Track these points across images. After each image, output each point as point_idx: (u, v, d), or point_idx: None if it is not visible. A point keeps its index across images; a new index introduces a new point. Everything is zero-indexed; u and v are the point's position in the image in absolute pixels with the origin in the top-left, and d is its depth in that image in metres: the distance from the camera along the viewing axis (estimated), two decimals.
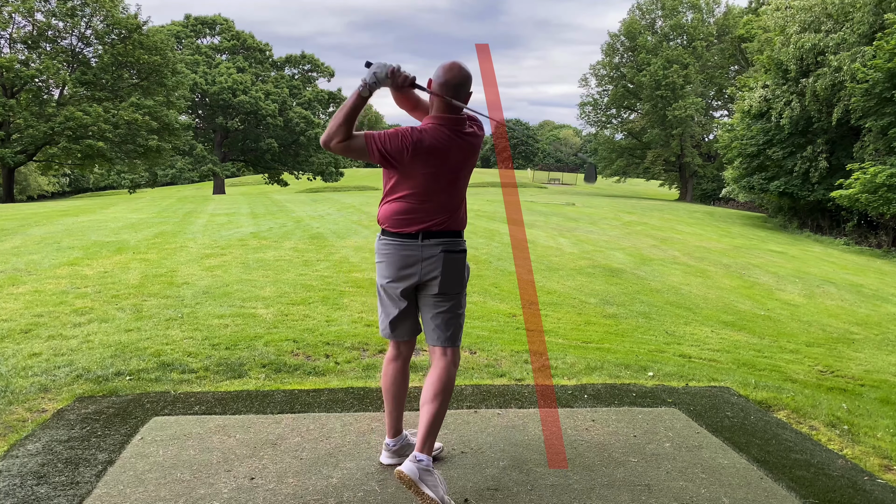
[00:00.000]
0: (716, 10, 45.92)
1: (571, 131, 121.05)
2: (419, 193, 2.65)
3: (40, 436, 3.12)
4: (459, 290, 2.77)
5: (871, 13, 20.09)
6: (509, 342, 5.17)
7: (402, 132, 2.58)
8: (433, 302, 2.75)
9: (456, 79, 2.62)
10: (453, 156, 2.65)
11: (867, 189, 17.79)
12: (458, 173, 2.71)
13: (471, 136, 2.72)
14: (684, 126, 42.78)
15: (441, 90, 2.62)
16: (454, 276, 2.71)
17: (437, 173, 2.63)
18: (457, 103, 2.64)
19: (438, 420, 2.64)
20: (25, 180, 49.18)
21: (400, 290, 2.74)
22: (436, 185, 2.66)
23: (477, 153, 2.76)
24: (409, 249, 2.68)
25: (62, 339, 4.65)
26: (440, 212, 2.67)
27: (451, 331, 2.76)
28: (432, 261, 2.67)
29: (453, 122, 2.66)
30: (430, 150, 2.59)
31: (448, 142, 2.63)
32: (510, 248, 10.94)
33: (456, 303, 2.77)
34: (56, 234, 10.06)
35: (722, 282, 9.99)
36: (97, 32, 32.68)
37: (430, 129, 2.63)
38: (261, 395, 3.78)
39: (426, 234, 2.66)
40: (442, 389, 2.67)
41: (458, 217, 2.75)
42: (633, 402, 3.94)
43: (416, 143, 2.58)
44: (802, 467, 3.16)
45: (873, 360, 6.35)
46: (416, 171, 2.62)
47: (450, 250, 2.69)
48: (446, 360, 2.74)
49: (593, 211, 21.16)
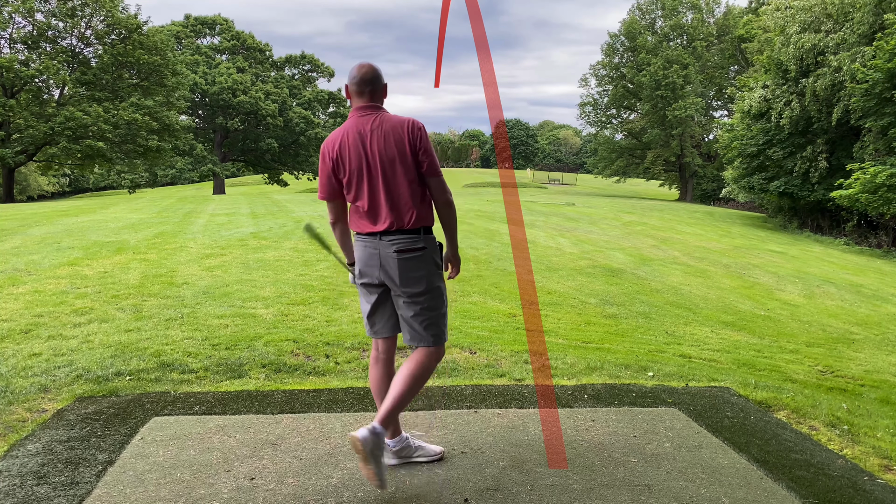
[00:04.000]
0: (716, 10, 45.92)
1: (571, 131, 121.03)
2: (356, 194, 2.70)
3: (40, 436, 3.12)
4: (422, 289, 2.71)
5: (871, 13, 20.08)
6: (509, 342, 5.17)
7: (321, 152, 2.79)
8: (403, 303, 2.74)
9: (355, 77, 2.69)
10: (366, 150, 2.64)
11: (867, 189, 17.78)
12: (383, 167, 2.65)
13: (382, 128, 2.65)
14: (684, 126, 42.77)
15: (347, 91, 2.75)
16: (412, 275, 2.68)
17: (360, 170, 2.66)
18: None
19: (403, 399, 2.67)
20: (25, 180, 49.18)
21: (367, 286, 2.79)
22: (367, 184, 2.67)
23: (404, 144, 2.64)
24: (371, 248, 2.72)
25: (62, 339, 4.65)
26: (388, 210, 2.66)
27: (428, 331, 2.75)
28: (389, 261, 2.68)
29: (358, 119, 2.68)
30: (340, 151, 2.68)
31: (354, 139, 2.66)
32: (510, 248, 10.94)
33: (428, 303, 2.73)
34: (56, 234, 10.06)
35: (722, 282, 9.98)
36: (97, 32, 32.67)
37: (334, 133, 2.74)
38: (261, 395, 3.78)
39: (384, 233, 2.67)
40: (412, 372, 2.69)
41: (413, 214, 2.67)
42: (633, 402, 3.94)
43: (329, 150, 2.72)
44: (802, 467, 3.16)
45: (873, 360, 6.35)
46: (347, 174, 2.69)
47: (404, 249, 2.67)
48: (426, 353, 2.76)
49: (593, 211, 21.16)
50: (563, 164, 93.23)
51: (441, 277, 2.81)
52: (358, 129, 2.66)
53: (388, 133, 2.64)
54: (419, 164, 2.67)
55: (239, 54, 47.42)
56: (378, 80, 2.72)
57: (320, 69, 50.31)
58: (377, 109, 2.71)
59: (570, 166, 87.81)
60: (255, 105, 42.47)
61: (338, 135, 2.72)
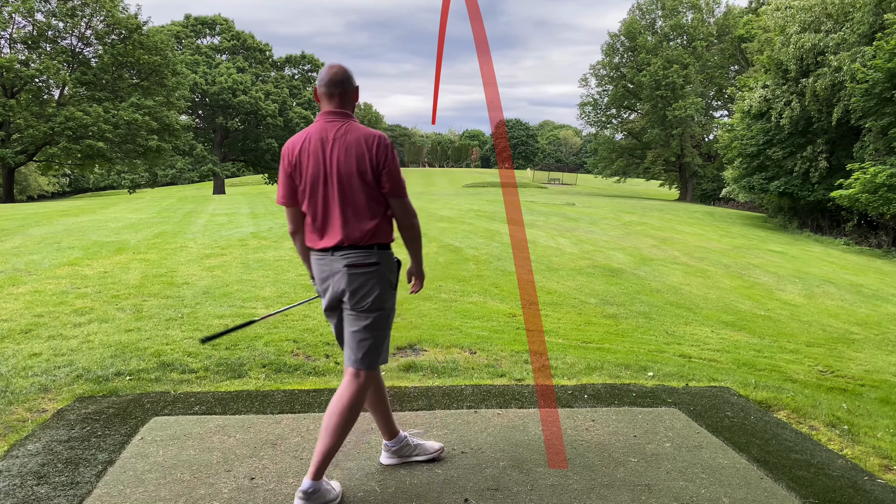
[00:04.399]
0: (716, 10, 45.92)
1: (571, 131, 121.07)
2: (310, 204, 2.57)
3: (40, 436, 3.12)
4: (368, 305, 2.56)
5: (871, 13, 20.08)
6: (509, 342, 5.17)
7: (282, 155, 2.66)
8: (348, 318, 2.62)
9: (324, 79, 2.59)
10: (325, 159, 2.51)
11: (867, 189, 17.78)
12: (340, 180, 2.51)
13: (346, 138, 2.51)
14: (684, 126, 42.77)
15: (316, 93, 2.65)
16: (360, 290, 2.55)
17: (316, 179, 2.53)
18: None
19: (335, 450, 2.55)
20: (25, 180, 49.18)
21: (325, 304, 2.67)
22: (322, 195, 2.54)
23: (366, 161, 2.49)
24: (324, 264, 2.60)
25: (62, 339, 4.65)
26: (340, 225, 2.52)
27: (363, 352, 2.60)
28: (339, 276, 2.56)
29: (323, 124, 2.56)
30: (299, 156, 2.56)
31: (315, 145, 2.53)
32: (510, 248, 10.94)
33: (373, 323, 2.58)
34: (56, 234, 10.06)
35: (722, 282, 9.98)
36: (97, 32, 32.67)
37: (297, 135, 2.61)
38: (261, 395, 3.78)
39: (336, 247, 2.54)
40: (340, 421, 2.54)
41: (367, 230, 2.53)
42: (633, 402, 3.94)
43: (288, 153, 2.59)
44: (802, 467, 3.16)
45: (873, 360, 6.35)
46: (302, 181, 2.57)
47: (355, 264, 2.53)
48: (357, 382, 2.60)
49: (593, 211, 21.16)
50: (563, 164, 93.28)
51: (393, 298, 2.66)
52: (321, 134, 2.53)
53: (352, 145, 2.50)
54: (381, 184, 2.53)
55: (239, 54, 47.43)
56: (349, 83, 2.60)
57: (320, 69, 50.27)
58: (345, 117, 2.57)
59: (570, 166, 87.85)
60: (255, 105, 42.50)
61: (300, 138, 2.59)
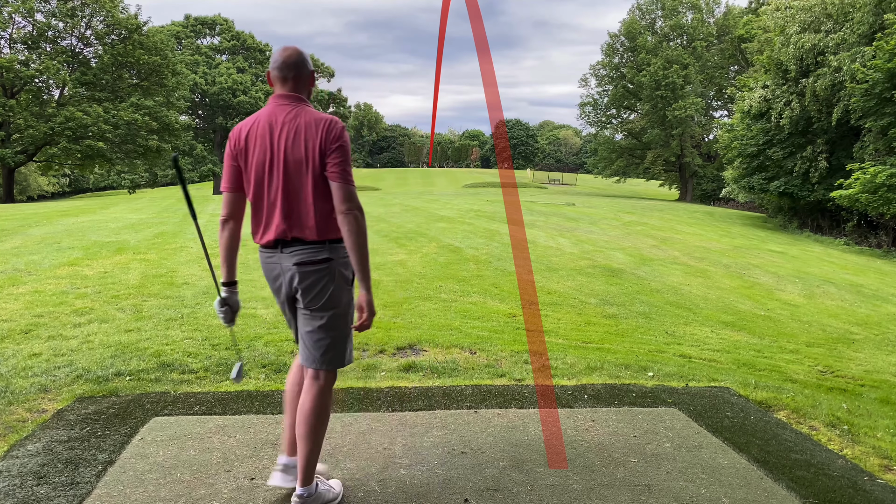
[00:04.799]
0: (716, 10, 45.92)
1: (571, 131, 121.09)
2: (255, 192, 2.41)
3: (40, 436, 3.12)
4: (323, 304, 2.42)
5: (870, 13, 20.08)
6: (509, 342, 5.17)
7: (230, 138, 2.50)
8: (303, 318, 2.48)
9: (277, 61, 2.44)
10: (273, 145, 2.34)
11: (867, 189, 17.78)
12: (287, 167, 2.34)
13: (295, 121, 2.34)
14: (684, 126, 42.77)
15: (269, 77, 2.49)
16: (314, 289, 2.40)
17: (261, 166, 2.37)
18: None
19: (316, 453, 2.48)
20: (25, 180, 49.17)
21: (278, 300, 2.56)
22: (267, 183, 2.38)
23: (316, 145, 2.31)
24: (272, 261, 2.46)
25: (62, 339, 4.65)
26: (284, 216, 2.36)
27: (321, 352, 2.47)
28: (290, 273, 2.41)
29: (273, 108, 2.40)
30: (246, 141, 2.40)
31: (263, 129, 2.37)
32: (510, 248, 10.94)
33: (328, 322, 2.45)
34: (56, 235, 10.06)
35: (722, 282, 9.98)
36: (97, 33, 32.69)
37: (246, 119, 2.46)
38: (261, 395, 3.78)
39: (282, 243, 2.40)
40: (315, 425, 2.45)
41: (316, 224, 2.36)
42: (633, 402, 3.94)
43: (235, 137, 2.43)
44: (802, 467, 3.16)
45: (873, 360, 6.35)
46: (247, 167, 2.41)
47: (305, 261, 2.38)
48: (318, 384, 2.48)
49: (593, 211, 21.16)
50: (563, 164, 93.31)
51: (349, 295, 2.50)
52: (270, 118, 2.37)
53: (301, 129, 2.32)
54: (325, 165, 2.32)
55: (239, 54, 47.46)
56: (303, 66, 2.44)
57: (320, 69, 50.34)
58: (298, 101, 2.41)
59: (570, 166, 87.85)
60: (255, 105, 42.54)
61: (248, 122, 2.43)
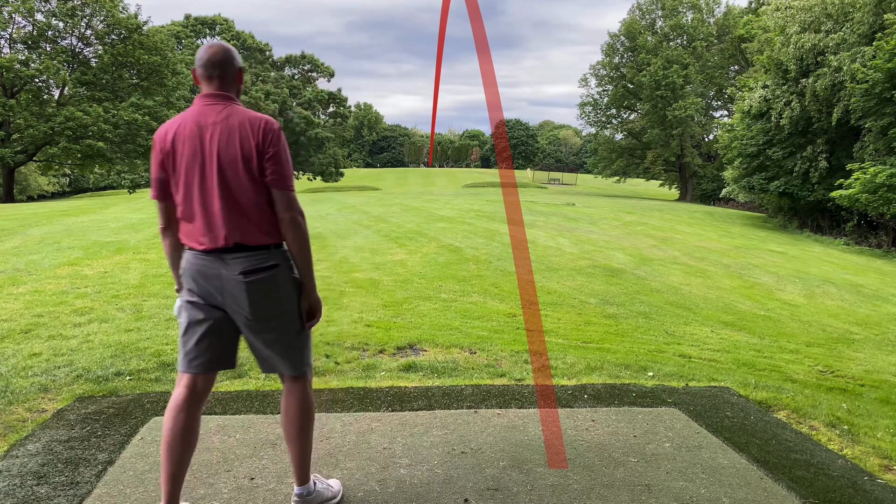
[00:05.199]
0: (716, 10, 45.93)
1: (571, 131, 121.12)
2: (186, 198, 2.27)
3: (40, 436, 3.12)
4: (279, 311, 2.32)
5: (871, 13, 20.08)
6: (509, 342, 5.17)
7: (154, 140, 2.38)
8: (256, 330, 2.34)
9: (202, 59, 2.32)
10: (203, 146, 2.23)
11: (867, 189, 17.78)
12: (221, 169, 2.21)
13: (228, 122, 2.24)
14: (684, 126, 42.78)
15: (195, 74, 2.38)
16: (265, 299, 2.28)
17: (192, 169, 2.24)
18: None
19: (308, 451, 2.50)
20: (25, 180, 49.16)
21: (198, 306, 2.33)
22: (199, 187, 2.24)
23: (251, 146, 2.21)
24: (208, 268, 2.28)
25: (62, 339, 4.65)
26: (224, 221, 2.23)
27: (287, 359, 2.39)
28: (234, 285, 2.26)
29: (201, 108, 2.28)
30: (174, 143, 2.26)
31: (192, 130, 2.25)
32: (510, 248, 10.94)
33: (289, 327, 2.36)
34: (56, 234, 10.06)
35: (722, 282, 9.98)
36: (97, 32, 32.69)
37: (171, 120, 2.34)
38: (261, 395, 3.78)
39: (224, 251, 2.25)
40: (305, 425, 2.45)
41: (258, 229, 2.26)
42: (633, 402, 3.94)
43: (161, 140, 2.30)
44: (802, 467, 3.16)
45: (873, 360, 6.35)
46: (176, 171, 2.28)
47: (251, 270, 2.25)
48: (301, 385, 2.45)
49: (593, 211, 21.16)
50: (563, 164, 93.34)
51: (299, 294, 2.40)
52: (198, 119, 2.25)
53: (234, 129, 2.22)
54: (265, 172, 2.23)
55: None
56: (229, 64, 2.32)
57: (320, 69, 50.36)
58: (227, 100, 2.30)
59: (570, 166, 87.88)
60: (255, 105, 42.49)
61: (174, 123, 2.29)
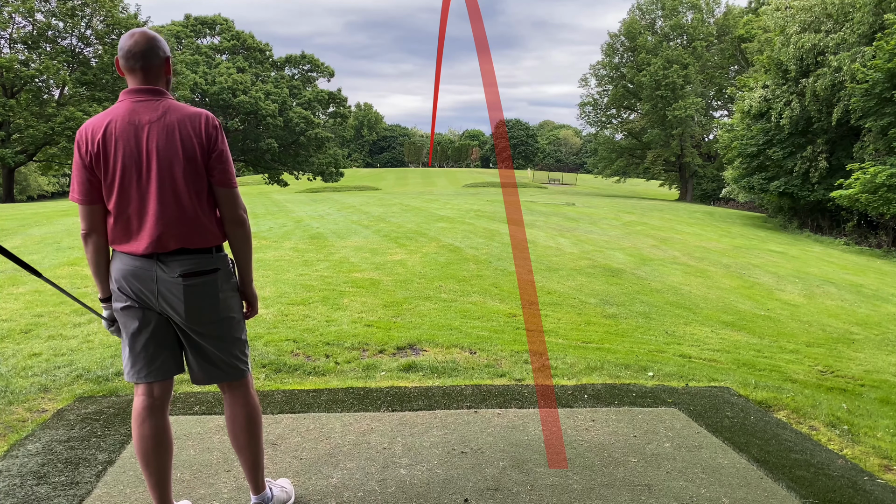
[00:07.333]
0: (716, 10, 45.93)
1: (571, 131, 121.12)
2: (120, 200, 2.13)
3: (40, 436, 3.12)
4: (222, 316, 2.25)
5: (870, 13, 20.08)
6: (509, 342, 5.17)
7: (76, 141, 2.17)
8: (196, 336, 2.26)
9: (123, 49, 2.14)
10: (140, 146, 2.09)
11: (867, 189, 17.78)
12: (161, 170, 2.10)
13: (165, 119, 2.11)
14: (684, 126, 42.78)
15: (117, 64, 2.18)
16: (204, 303, 2.20)
17: (128, 170, 2.10)
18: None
19: (262, 456, 2.45)
20: (25, 180, 49.19)
21: (136, 311, 2.20)
22: (137, 189, 2.11)
23: (194, 144, 2.12)
24: (144, 272, 2.16)
25: (62, 339, 4.65)
26: (163, 224, 2.12)
27: (227, 364, 2.31)
28: (172, 288, 2.16)
29: (132, 105, 2.13)
30: (104, 143, 2.10)
31: (125, 129, 2.09)
32: (510, 248, 10.94)
33: (230, 331, 2.30)
34: (56, 234, 10.06)
35: (722, 282, 9.98)
36: (97, 32, 32.72)
37: (96, 118, 2.16)
38: (261, 395, 3.78)
39: (163, 254, 2.15)
40: (254, 431, 2.39)
41: (200, 231, 2.17)
42: (633, 402, 3.94)
43: (87, 141, 2.11)
44: (802, 467, 3.16)
45: (873, 360, 6.35)
46: (110, 173, 2.11)
47: (191, 273, 2.16)
48: (244, 390, 2.38)
49: (593, 211, 21.16)
50: (563, 164, 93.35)
51: (238, 298, 2.37)
52: (131, 117, 2.10)
53: (174, 127, 2.10)
54: (210, 170, 2.15)
55: (239, 54, 47.45)
56: (151, 54, 2.14)
57: (320, 69, 50.33)
58: (157, 94, 2.15)
59: (570, 166, 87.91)
60: (255, 105, 42.51)
61: (101, 121, 2.12)
